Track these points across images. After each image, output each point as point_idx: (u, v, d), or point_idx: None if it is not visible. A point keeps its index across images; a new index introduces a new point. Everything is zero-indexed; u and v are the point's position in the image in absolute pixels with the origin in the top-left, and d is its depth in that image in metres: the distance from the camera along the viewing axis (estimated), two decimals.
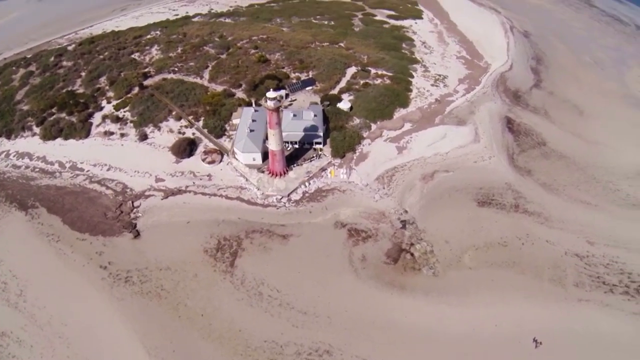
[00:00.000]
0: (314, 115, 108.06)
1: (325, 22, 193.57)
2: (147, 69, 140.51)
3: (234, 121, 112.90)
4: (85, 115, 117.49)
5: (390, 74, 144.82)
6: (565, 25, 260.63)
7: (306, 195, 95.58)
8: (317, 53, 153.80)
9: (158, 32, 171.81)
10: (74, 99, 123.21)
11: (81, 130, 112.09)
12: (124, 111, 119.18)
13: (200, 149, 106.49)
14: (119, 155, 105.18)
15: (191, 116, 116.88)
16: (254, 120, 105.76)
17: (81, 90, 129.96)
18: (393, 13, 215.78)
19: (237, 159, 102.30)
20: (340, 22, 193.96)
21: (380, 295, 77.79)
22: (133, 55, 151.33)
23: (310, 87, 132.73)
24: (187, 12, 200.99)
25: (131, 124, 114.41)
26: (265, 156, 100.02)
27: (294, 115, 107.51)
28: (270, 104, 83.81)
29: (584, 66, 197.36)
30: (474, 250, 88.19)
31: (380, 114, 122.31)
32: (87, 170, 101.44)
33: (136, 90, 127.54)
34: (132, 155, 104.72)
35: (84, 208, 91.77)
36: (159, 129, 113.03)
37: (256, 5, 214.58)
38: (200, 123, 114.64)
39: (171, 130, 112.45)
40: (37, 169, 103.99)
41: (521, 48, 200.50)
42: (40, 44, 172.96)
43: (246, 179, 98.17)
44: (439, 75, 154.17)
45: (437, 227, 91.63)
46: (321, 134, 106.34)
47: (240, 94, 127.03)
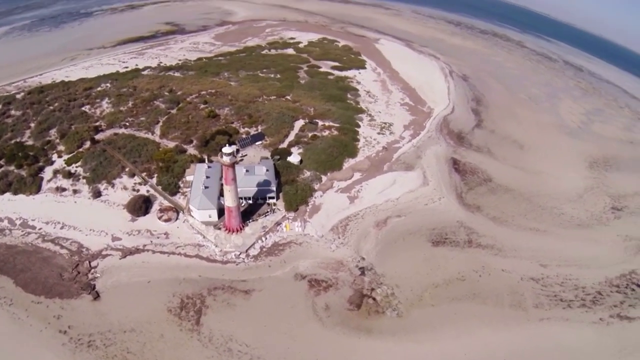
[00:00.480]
0: (266, 170, 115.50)
1: (272, 75, 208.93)
2: (98, 123, 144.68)
3: (188, 178, 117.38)
4: (35, 169, 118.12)
5: (338, 125, 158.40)
6: (500, 67, 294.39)
7: (264, 250, 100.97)
8: (265, 107, 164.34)
9: (108, 85, 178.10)
10: (23, 151, 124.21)
11: (31, 185, 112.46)
12: (76, 166, 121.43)
13: (156, 206, 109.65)
14: (73, 212, 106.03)
15: (144, 173, 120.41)
16: (207, 177, 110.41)
17: (31, 142, 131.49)
18: (337, 64, 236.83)
19: (193, 217, 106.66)
20: (286, 75, 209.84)
21: (348, 341, 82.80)
22: (84, 108, 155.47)
23: (260, 142, 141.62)
24: (137, 65, 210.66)
25: (84, 180, 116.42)
26: (221, 213, 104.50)
27: (247, 170, 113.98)
28: (227, 159, 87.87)
29: (520, 103, 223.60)
30: (433, 288, 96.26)
31: (330, 166, 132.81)
32: (40, 228, 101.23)
33: (88, 144, 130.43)
34: (87, 213, 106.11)
35: (37, 269, 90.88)
36: (113, 185, 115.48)
37: (204, 59, 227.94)
38: (154, 180, 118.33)
39: (125, 188, 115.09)
40: None
41: (461, 91, 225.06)
42: None
43: (203, 237, 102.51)
44: (385, 123, 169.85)
45: (396, 270, 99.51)
46: (274, 188, 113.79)
47: (191, 150, 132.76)
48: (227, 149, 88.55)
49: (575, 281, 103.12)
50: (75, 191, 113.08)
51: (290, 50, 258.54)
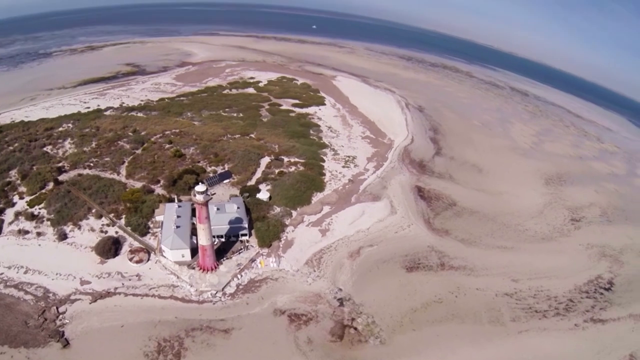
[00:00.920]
0: (237, 208, 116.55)
1: (235, 115, 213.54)
2: (61, 164, 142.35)
3: (158, 218, 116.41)
4: None
5: (303, 160, 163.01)
6: (452, 96, 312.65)
7: (240, 287, 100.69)
8: (230, 145, 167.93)
9: (70, 125, 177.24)
10: None
11: None
12: (39, 208, 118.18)
13: (126, 248, 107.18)
14: (37, 256, 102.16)
15: (112, 214, 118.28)
16: (178, 216, 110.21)
17: None
18: (297, 102, 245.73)
19: (166, 257, 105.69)
20: (248, 114, 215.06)
21: None
22: (45, 148, 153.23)
23: (228, 180, 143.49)
24: (99, 105, 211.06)
25: (48, 222, 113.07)
26: (194, 252, 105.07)
27: (218, 208, 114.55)
28: (200, 197, 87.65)
29: (474, 129, 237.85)
30: (413, 313, 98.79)
31: (299, 201, 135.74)
32: (1, 273, 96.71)
33: (51, 185, 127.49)
34: (52, 256, 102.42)
35: (0, 316, 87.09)
36: (79, 227, 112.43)
37: (166, 99, 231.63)
38: (122, 221, 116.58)
39: (93, 229, 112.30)
40: None
41: (418, 122, 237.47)
42: None
43: (177, 277, 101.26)
44: (349, 156, 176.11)
45: (374, 299, 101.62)
46: (246, 225, 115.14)
47: (159, 190, 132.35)
48: (200, 187, 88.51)
49: (547, 292, 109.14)
50: (39, 234, 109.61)
51: (251, 90, 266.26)
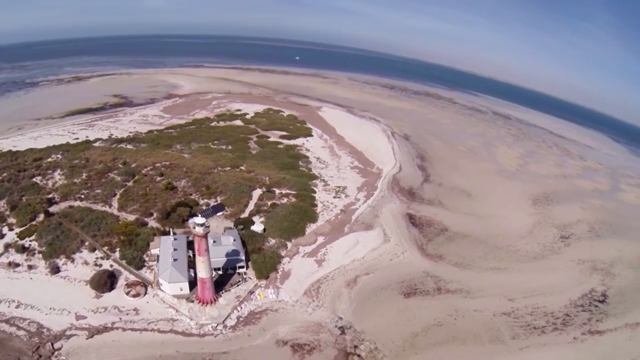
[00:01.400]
0: (233, 240, 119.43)
1: (224, 147, 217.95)
2: (52, 195, 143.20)
3: (153, 251, 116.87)
4: None
5: (294, 192, 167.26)
6: (437, 123, 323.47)
7: (241, 319, 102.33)
8: (221, 178, 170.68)
9: (59, 156, 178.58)
10: None
11: None
12: (30, 240, 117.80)
13: (122, 281, 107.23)
14: (29, 290, 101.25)
15: (105, 247, 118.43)
16: (175, 249, 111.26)
17: None
18: (285, 133, 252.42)
19: (163, 290, 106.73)
20: (237, 146, 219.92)
21: None
22: (35, 179, 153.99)
23: (221, 213, 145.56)
24: (87, 136, 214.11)
25: (40, 255, 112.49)
26: (192, 285, 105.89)
27: (214, 241, 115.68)
28: (200, 230, 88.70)
29: (460, 155, 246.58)
30: (414, 337, 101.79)
31: (294, 232, 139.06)
32: None
33: (41, 217, 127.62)
34: (45, 290, 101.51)
35: None
36: (72, 260, 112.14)
37: (155, 132, 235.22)
38: (117, 254, 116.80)
39: (86, 262, 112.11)
40: None
41: (405, 150, 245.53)
42: None
43: (176, 310, 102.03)
44: (339, 186, 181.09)
45: (374, 325, 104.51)
46: (243, 257, 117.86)
47: (153, 222, 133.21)
48: (199, 220, 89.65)
49: (543, 308, 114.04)
50: (30, 267, 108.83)
51: (238, 122, 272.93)
